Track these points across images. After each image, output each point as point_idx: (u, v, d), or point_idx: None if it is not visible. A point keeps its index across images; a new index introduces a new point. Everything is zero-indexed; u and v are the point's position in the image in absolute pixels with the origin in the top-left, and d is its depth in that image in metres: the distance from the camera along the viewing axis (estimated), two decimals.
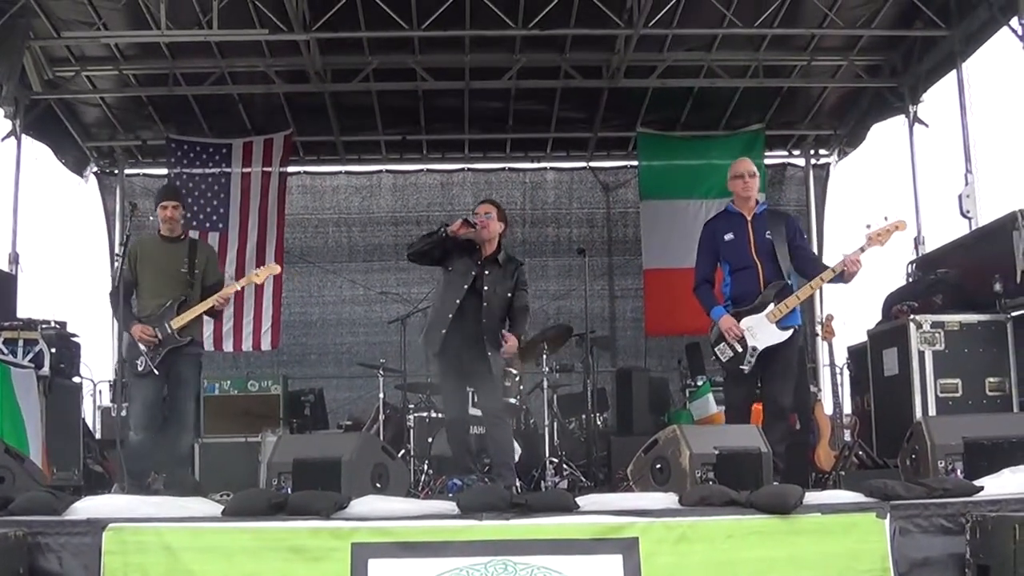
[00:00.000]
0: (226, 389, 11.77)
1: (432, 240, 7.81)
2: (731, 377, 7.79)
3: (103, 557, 5.12)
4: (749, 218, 7.82)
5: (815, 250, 13.97)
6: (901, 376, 9.40)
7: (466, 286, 7.83)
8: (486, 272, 7.90)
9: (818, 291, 13.94)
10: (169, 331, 8.01)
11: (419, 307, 10.79)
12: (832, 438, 9.13)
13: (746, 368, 7.55)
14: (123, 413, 8.14)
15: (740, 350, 7.57)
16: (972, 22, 10.90)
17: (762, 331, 7.53)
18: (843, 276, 7.50)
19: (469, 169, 14.88)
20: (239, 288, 8.61)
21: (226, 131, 13.65)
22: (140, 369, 8.02)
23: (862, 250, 7.50)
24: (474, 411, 8.87)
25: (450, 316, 7.81)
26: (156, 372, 7.95)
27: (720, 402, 10.49)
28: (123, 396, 8.19)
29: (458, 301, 7.81)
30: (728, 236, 7.81)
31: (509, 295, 8.01)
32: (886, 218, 7.50)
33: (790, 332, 7.55)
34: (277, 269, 9.11)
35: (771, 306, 7.53)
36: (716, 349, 7.75)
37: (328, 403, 12.88)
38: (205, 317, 8.47)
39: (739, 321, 7.58)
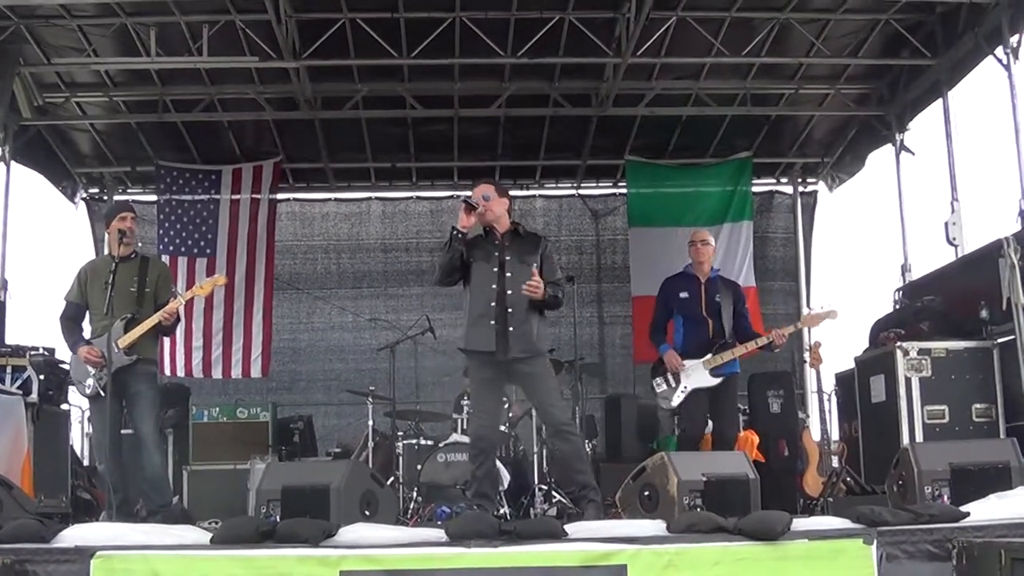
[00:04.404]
0: (215, 416, 11.73)
1: (452, 249, 7.23)
2: (681, 409, 8.83)
3: None
4: (703, 280, 8.89)
5: (803, 277, 14.61)
6: (888, 403, 9.42)
7: (496, 269, 7.25)
8: (506, 245, 7.35)
9: None
10: (116, 350, 7.70)
11: (408, 334, 10.79)
12: (820, 464, 9.15)
13: (674, 402, 8.71)
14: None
15: (673, 385, 8.68)
16: (958, 51, 10.97)
17: (696, 374, 8.60)
18: (771, 346, 8.69)
19: (458, 196, 14.83)
20: (184, 302, 8.21)
21: (215, 158, 13.67)
22: (88, 392, 7.87)
23: (794, 327, 8.85)
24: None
25: (493, 305, 7.20)
26: (103, 393, 7.65)
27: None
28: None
29: (494, 286, 7.22)
30: (683, 294, 8.89)
31: (536, 265, 7.27)
32: (822, 307, 8.69)
33: (719, 380, 8.56)
34: (223, 280, 8.66)
35: (708, 355, 8.59)
36: (653, 382, 8.87)
37: (317, 430, 12.86)
38: (162, 337, 8.31)
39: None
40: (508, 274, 7.25)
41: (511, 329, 7.19)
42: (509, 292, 7.21)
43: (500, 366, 7.30)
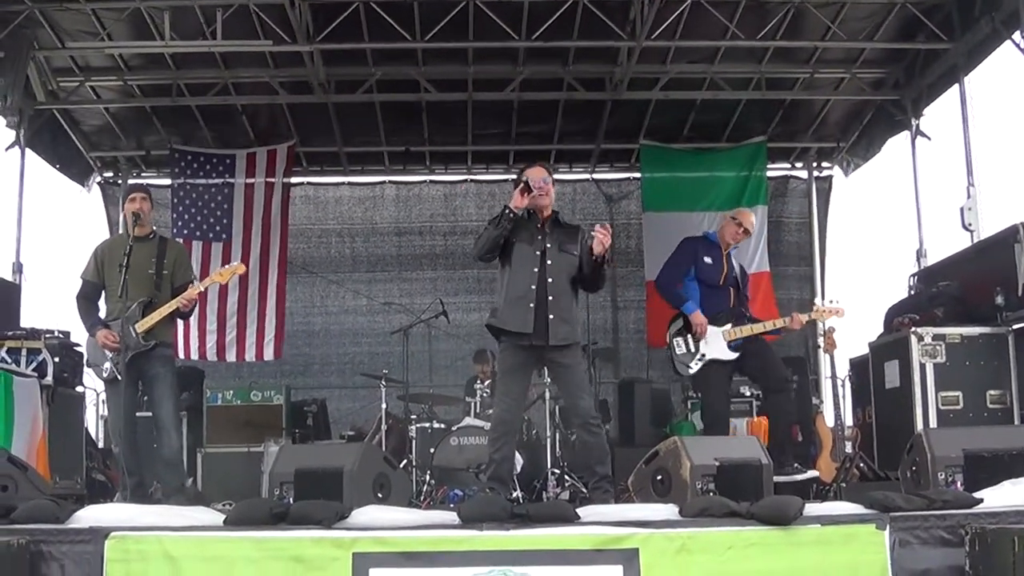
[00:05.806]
0: (229, 399, 11.77)
1: (501, 227, 7.15)
2: (702, 381, 8.55)
3: (105, 565, 5.15)
4: (725, 252, 8.73)
5: (817, 262, 14.63)
6: (902, 388, 9.40)
7: (539, 252, 7.20)
8: (548, 232, 7.30)
9: None
10: (134, 335, 7.67)
11: (422, 318, 10.81)
12: (833, 450, 9.14)
13: (691, 369, 8.40)
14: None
15: (692, 350, 8.42)
16: (974, 35, 10.91)
17: (715, 343, 8.38)
18: (783, 330, 8.63)
19: (472, 180, 14.90)
20: (203, 289, 8.18)
21: (229, 141, 13.71)
22: (105, 375, 7.85)
23: (808, 317, 8.62)
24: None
25: (533, 288, 7.12)
26: (120, 377, 7.59)
27: None
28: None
29: (536, 270, 7.16)
30: (707, 259, 8.67)
31: (576, 254, 7.26)
32: (832, 301, 8.65)
33: (737, 355, 8.37)
34: (242, 268, 8.56)
35: (728, 326, 8.40)
36: (674, 341, 8.52)
37: (331, 413, 12.89)
38: (178, 320, 8.26)
39: None
40: (549, 261, 7.22)
41: (551, 316, 7.13)
42: (550, 280, 7.18)
43: (532, 351, 7.25)
